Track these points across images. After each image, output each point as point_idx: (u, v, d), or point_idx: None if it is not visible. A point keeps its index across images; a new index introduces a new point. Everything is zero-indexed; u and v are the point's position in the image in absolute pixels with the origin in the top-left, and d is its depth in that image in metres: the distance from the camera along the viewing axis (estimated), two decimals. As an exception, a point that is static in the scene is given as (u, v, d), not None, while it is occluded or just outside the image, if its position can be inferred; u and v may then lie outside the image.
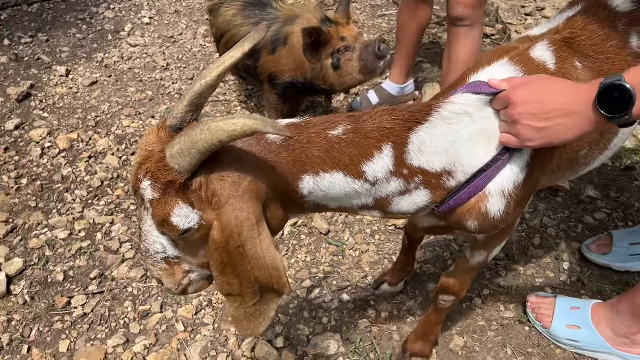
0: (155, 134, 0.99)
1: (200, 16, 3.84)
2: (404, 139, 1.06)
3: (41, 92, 3.06)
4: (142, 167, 0.97)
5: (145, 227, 1.04)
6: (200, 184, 0.95)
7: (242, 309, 1.05)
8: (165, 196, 0.96)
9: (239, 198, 0.95)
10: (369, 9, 3.97)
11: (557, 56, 1.21)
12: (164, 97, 3.07)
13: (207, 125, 0.88)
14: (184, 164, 0.92)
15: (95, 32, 3.63)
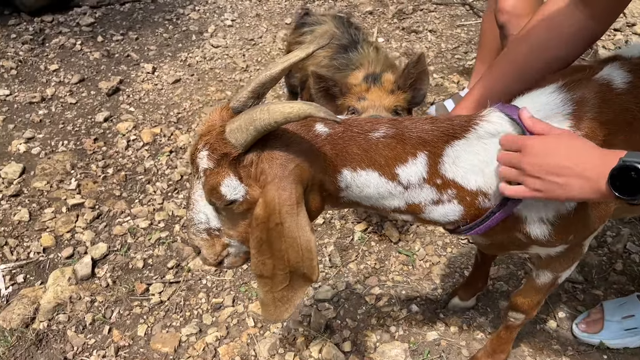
0: (218, 112, 1.09)
1: (280, 20, 3.93)
2: (440, 150, 1.09)
3: (129, 88, 3.23)
4: (202, 139, 1.05)
5: (195, 196, 1.12)
6: (251, 161, 1.03)
7: (271, 294, 1.12)
8: (218, 167, 1.03)
9: (284, 178, 1.02)
10: (448, 19, 3.93)
11: (633, 77, 1.16)
12: (242, 98, 3.15)
13: (267, 106, 0.96)
14: (240, 140, 1.00)
15: (181, 33, 3.78)
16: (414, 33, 3.77)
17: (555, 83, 1.16)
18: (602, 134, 1.11)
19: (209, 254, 1.19)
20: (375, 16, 3.99)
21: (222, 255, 1.19)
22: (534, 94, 1.16)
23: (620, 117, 1.13)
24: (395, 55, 3.51)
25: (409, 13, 4.02)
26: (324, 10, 4.07)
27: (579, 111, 1.11)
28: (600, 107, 1.12)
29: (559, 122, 1.10)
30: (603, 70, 1.18)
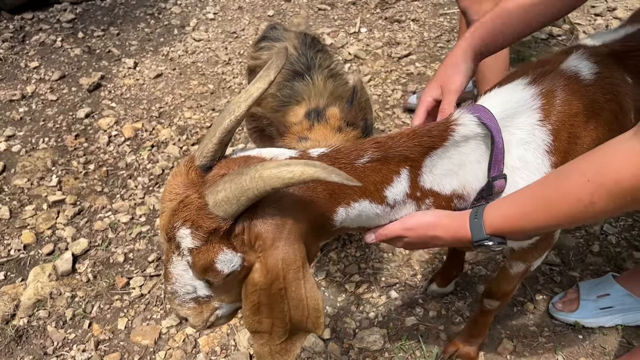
0: (184, 175, 0.97)
1: (263, 12, 3.92)
2: (420, 163, 1.06)
3: (110, 83, 3.22)
4: (178, 215, 0.93)
5: (177, 271, 1.01)
6: (242, 228, 0.93)
7: (268, 347, 1.04)
8: (208, 244, 0.93)
9: (284, 240, 0.94)
10: (430, 8, 3.92)
11: (599, 68, 1.17)
12: (225, 91, 3.15)
13: (257, 172, 0.86)
14: (230, 212, 0.90)
15: (163, 27, 3.77)
16: (397, 22, 3.76)
17: (523, 78, 1.17)
18: (571, 125, 1.12)
19: (197, 321, 1.10)
20: (358, 6, 3.98)
21: (210, 321, 1.12)
22: (503, 91, 1.16)
23: (589, 109, 1.14)
24: (378, 45, 3.51)
25: (391, 3, 4.01)
26: (306, 1, 4.06)
27: (548, 104, 1.11)
28: (568, 99, 1.13)
29: (527, 116, 1.10)
30: (569, 60, 1.19)
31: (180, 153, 2.68)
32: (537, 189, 0.96)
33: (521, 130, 1.10)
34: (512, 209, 0.98)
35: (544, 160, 1.10)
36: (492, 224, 0.99)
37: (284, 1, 4.06)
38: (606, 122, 1.16)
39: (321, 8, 3.97)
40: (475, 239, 1.01)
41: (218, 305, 1.09)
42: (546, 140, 1.10)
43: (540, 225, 0.96)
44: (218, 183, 0.91)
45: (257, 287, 0.96)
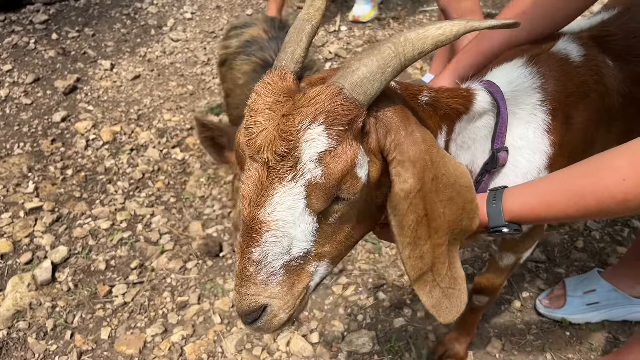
0: (279, 82, 0.83)
1: (241, 12, 3.87)
2: (452, 126, 1.04)
3: (87, 86, 3.14)
4: (302, 113, 0.77)
5: (280, 210, 0.79)
6: (370, 124, 0.81)
7: (438, 289, 0.90)
8: (345, 142, 0.77)
9: (413, 123, 0.83)
10: (410, 5, 3.92)
11: (585, 51, 1.19)
12: (205, 92, 3.11)
13: (402, 36, 0.78)
14: (372, 91, 0.77)
15: (139, 27, 3.70)
16: (377, 20, 3.75)
17: (520, 57, 1.18)
18: (566, 105, 1.14)
19: (285, 305, 0.86)
20: (338, 4, 3.96)
21: (300, 297, 0.88)
22: (504, 68, 1.17)
23: (580, 90, 1.16)
24: (359, 43, 3.50)
25: (366, 1, 4.00)
26: (286, 0, 4.03)
27: (546, 84, 1.13)
28: (562, 80, 1.15)
29: (528, 95, 1.12)
30: (558, 44, 1.20)
31: (160, 156, 2.63)
32: (564, 180, 0.91)
33: (523, 110, 1.11)
34: (534, 198, 0.93)
35: (543, 139, 1.12)
36: (512, 210, 0.93)
37: (262, 0, 4.02)
38: (595, 102, 1.18)
39: (300, 6, 3.94)
40: (492, 225, 0.94)
41: (313, 270, 0.88)
42: (546, 119, 1.12)
43: (561, 216, 0.92)
44: (350, 62, 0.78)
45: (410, 195, 0.81)
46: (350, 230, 0.88)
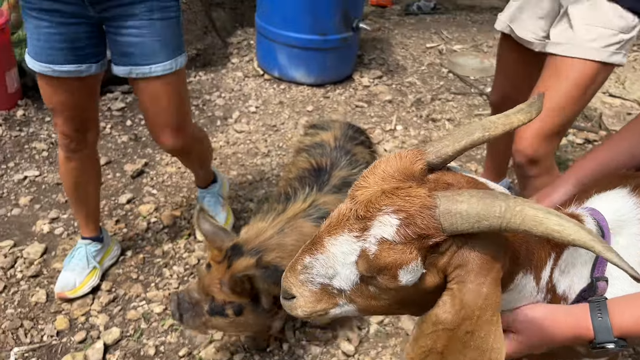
0: (408, 163, 0.88)
1: (302, 108, 4.07)
2: (561, 252, 1.01)
3: (153, 170, 3.32)
4: (393, 200, 0.83)
5: (337, 248, 0.89)
6: (448, 247, 0.84)
7: None
8: (406, 245, 0.82)
9: (490, 279, 0.84)
10: (465, 108, 4.03)
11: None
12: (263, 182, 3.22)
13: (519, 206, 0.78)
14: (459, 228, 0.80)
15: (206, 118, 3.94)
16: (432, 121, 3.86)
17: (623, 187, 1.17)
18: None
19: (305, 307, 0.97)
20: (395, 104, 4.12)
21: (319, 314, 0.99)
22: (606, 197, 1.17)
23: None
24: (414, 143, 3.58)
25: (427, 102, 4.14)
26: (344, 98, 4.22)
27: None
28: None
29: (632, 226, 1.10)
30: None
31: (216, 243, 2.70)
32: None
33: (625, 240, 1.09)
34: None
35: None
36: (622, 325, 0.89)
37: (322, 98, 4.22)
38: None
39: (358, 105, 4.11)
40: (598, 341, 0.90)
41: (341, 304, 0.96)
42: None
43: None
44: (458, 192, 0.82)
45: (439, 326, 0.84)
46: (383, 304, 0.93)
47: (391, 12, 6.12)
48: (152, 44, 1.88)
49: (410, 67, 4.75)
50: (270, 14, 4.19)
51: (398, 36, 5.41)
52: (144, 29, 1.85)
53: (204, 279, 1.73)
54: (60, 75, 1.89)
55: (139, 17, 1.83)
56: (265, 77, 4.48)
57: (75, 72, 1.90)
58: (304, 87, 4.35)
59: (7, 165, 3.28)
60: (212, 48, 4.60)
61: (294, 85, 4.37)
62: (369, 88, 4.39)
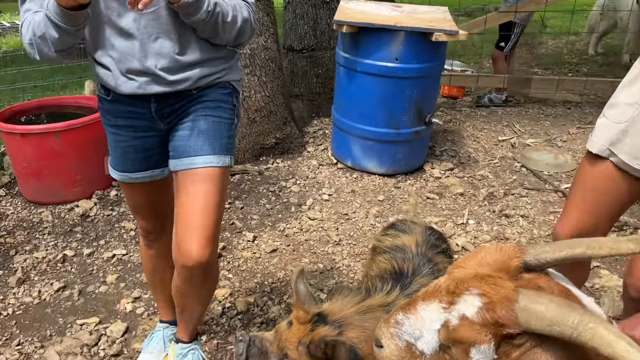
0: (506, 257, 0.97)
1: (374, 197, 4.17)
2: None
3: (230, 254, 3.47)
4: (481, 285, 0.93)
5: (425, 312, 0.99)
6: (521, 343, 0.90)
7: None
8: (483, 327, 0.91)
9: None
10: (540, 205, 3.98)
11: None
12: (333, 272, 3.28)
13: (593, 323, 0.82)
14: (531, 327, 0.87)
15: (282, 204, 4.10)
16: (505, 217, 3.83)
17: None
18: None
19: (391, 355, 1.06)
20: (466, 198, 4.13)
21: None
22: None
23: None
24: (487, 238, 3.56)
25: (500, 197, 4.12)
26: (415, 189, 4.28)
27: None
28: None
29: None
30: None
31: (287, 333, 2.74)
32: None
33: None
34: None
35: None
36: None
37: (394, 188, 4.31)
38: None
39: (430, 197, 4.16)
40: None
41: None
42: None
43: None
44: (540, 294, 0.89)
45: None
46: None
47: (462, 104, 6.26)
48: (197, 138, 1.89)
49: (482, 160, 4.78)
50: (347, 109, 4.41)
51: (469, 128, 5.49)
52: (194, 124, 1.91)
53: (282, 334, 1.75)
54: (135, 181, 2.07)
55: (193, 114, 1.91)
56: (339, 165, 4.65)
57: (149, 177, 2.07)
58: (375, 176, 4.47)
59: (99, 242, 3.54)
60: (290, 137, 4.85)
61: (366, 175, 4.50)
62: (440, 180, 4.44)
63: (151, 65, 1.76)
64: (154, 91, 1.82)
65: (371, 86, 4.17)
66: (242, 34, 1.86)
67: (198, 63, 1.84)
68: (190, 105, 1.91)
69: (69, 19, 1.55)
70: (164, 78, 1.79)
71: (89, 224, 3.76)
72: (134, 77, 1.79)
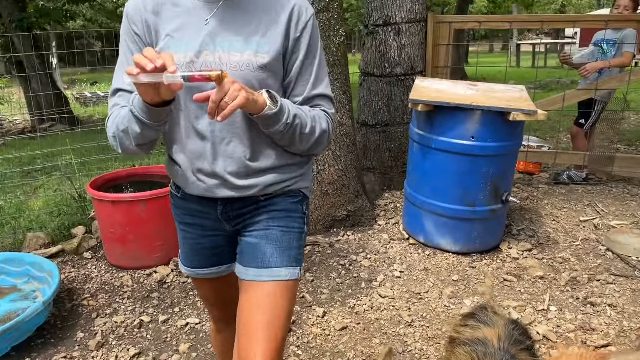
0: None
1: (447, 276, 4.05)
2: None
3: (299, 329, 3.44)
4: None
5: None
6: None
7: None
8: None
9: None
10: (629, 293, 3.71)
11: None
12: (405, 355, 3.16)
13: None
14: None
15: (352, 279, 4.07)
16: (591, 305, 3.59)
17: None
18: None
19: None
20: (546, 281, 3.93)
21: None
22: None
23: None
24: (570, 328, 3.33)
25: (583, 282, 3.89)
26: (491, 269, 4.13)
27: None
28: None
29: None
30: None
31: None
32: None
33: None
34: None
35: None
36: None
37: (468, 267, 4.18)
38: None
39: (507, 279, 3.99)
40: None
41: None
42: None
43: None
44: None
45: None
46: None
47: (539, 180, 6.08)
48: (265, 249, 1.81)
49: (563, 241, 4.57)
50: (420, 184, 4.40)
51: (548, 206, 5.30)
52: (262, 233, 1.83)
53: None
54: (203, 276, 2.08)
55: (261, 223, 1.85)
56: (410, 241, 4.59)
57: (215, 274, 2.07)
58: (449, 254, 4.37)
59: (174, 309, 3.63)
60: (361, 210, 4.87)
61: (439, 252, 4.40)
62: (518, 261, 4.26)
63: (220, 169, 1.74)
64: (220, 195, 1.78)
65: (446, 163, 4.16)
66: (319, 145, 1.82)
67: (269, 169, 1.79)
68: (257, 213, 1.85)
69: (152, 115, 1.56)
70: (232, 182, 1.75)
71: (165, 290, 3.88)
72: (203, 179, 1.77)
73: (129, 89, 1.69)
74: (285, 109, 1.63)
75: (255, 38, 1.67)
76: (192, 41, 1.65)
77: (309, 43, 1.74)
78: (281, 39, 1.70)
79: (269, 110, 1.58)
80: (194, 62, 1.64)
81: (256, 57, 1.65)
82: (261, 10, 1.71)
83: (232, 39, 1.65)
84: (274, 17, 1.70)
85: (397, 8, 5.24)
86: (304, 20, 1.73)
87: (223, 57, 1.64)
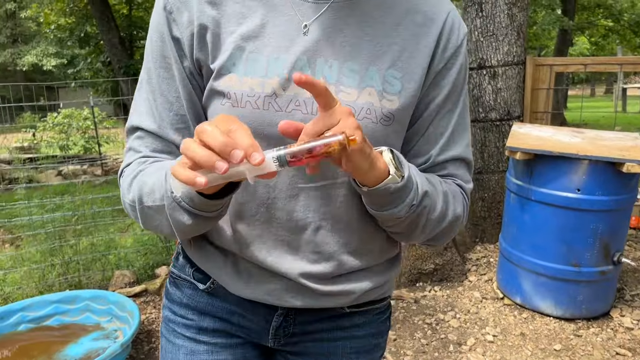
0: None
1: (548, 345, 3.61)
2: None
3: (379, 394, 3.16)
4: None
5: None
6: None
7: None
8: None
9: None
10: None
11: None
12: None
13: None
14: None
15: (438, 340, 3.73)
16: None
17: None
18: None
19: None
20: (670, 360, 3.37)
21: None
22: None
23: None
24: None
25: None
26: (601, 340, 3.63)
27: None
28: None
29: None
30: None
31: None
32: None
33: None
34: None
35: None
36: None
37: (573, 335, 3.71)
38: None
39: (619, 352, 3.48)
40: None
41: None
42: None
43: None
44: None
45: None
46: None
47: (655, 238, 5.42)
48: None
49: (688, 312, 3.96)
50: (517, 239, 4.02)
51: (667, 269, 4.67)
52: None
53: None
54: None
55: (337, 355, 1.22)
56: (505, 301, 4.18)
57: None
58: (550, 319, 3.91)
59: None
60: (450, 263, 4.54)
61: (538, 316, 3.96)
62: (633, 332, 3.73)
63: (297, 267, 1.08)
64: (289, 304, 1.12)
65: (547, 217, 3.77)
66: (445, 236, 1.14)
67: (364, 269, 1.15)
68: (333, 336, 1.21)
69: (210, 206, 0.91)
70: (311, 287, 1.09)
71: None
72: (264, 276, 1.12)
73: (154, 131, 1.05)
74: (413, 182, 0.97)
75: (381, 65, 0.99)
76: (279, 59, 0.96)
77: (455, 80, 1.07)
78: (422, 71, 1.02)
79: (392, 183, 0.92)
80: (277, 97, 0.96)
81: (382, 99, 0.99)
82: (398, 16, 1.02)
83: (344, 65, 0.97)
84: (415, 33, 1.02)
85: (492, 51, 4.99)
86: (454, 44, 1.05)
87: None
